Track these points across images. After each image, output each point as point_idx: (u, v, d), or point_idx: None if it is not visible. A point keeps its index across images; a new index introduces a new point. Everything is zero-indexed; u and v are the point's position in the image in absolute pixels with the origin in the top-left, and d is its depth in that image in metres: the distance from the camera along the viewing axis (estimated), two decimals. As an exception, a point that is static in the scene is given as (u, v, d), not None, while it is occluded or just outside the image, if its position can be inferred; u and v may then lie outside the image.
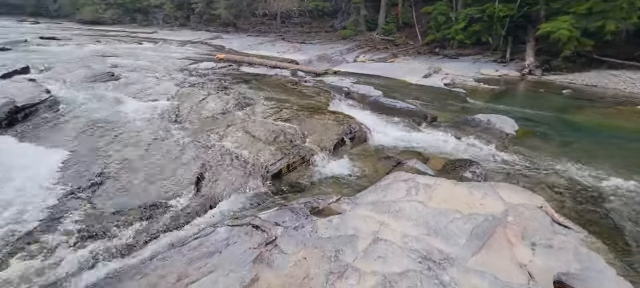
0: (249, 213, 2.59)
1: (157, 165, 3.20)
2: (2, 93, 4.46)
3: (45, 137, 3.70)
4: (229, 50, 12.24)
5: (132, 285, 1.86)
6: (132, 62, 8.33)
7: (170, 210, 2.60)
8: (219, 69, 8.16)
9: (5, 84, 5.01)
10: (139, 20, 21.58)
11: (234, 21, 18.29)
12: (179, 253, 2.07)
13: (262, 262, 1.95)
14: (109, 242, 2.25)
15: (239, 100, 5.11)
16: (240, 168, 3.17)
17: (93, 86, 5.67)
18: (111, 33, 16.78)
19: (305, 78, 7.56)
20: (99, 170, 3.09)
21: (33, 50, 9.41)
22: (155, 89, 5.68)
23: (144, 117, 4.37)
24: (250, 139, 3.75)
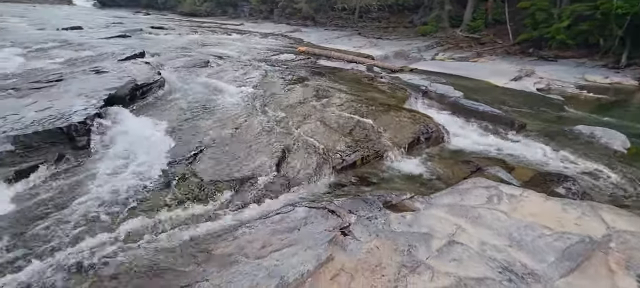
0: (323, 198, 2.75)
1: (244, 144, 3.56)
2: (127, 73, 5.36)
3: (157, 112, 4.36)
4: (306, 43, 12.70)
5: (224, 244, 2.14)
6: (222, 51, 9.21)
7: (255, 185, 2.88)
8: (297, 60, 8.56)
9: (128, 66, 5.99)
10: (229, 13, 23.54)
11: (313, 15, 18.85)
12: (263, 223, 2.31)
13: (337, 244, 2.08)
14: (206, 205, 2.60)
15: (317, 92, 5.33)
16: (316, 156, 3.35)
17: (192, 71, 6.45)
18: (205, 24, 18.67)
19: (380, 74, 7.51)
20: (197, 143, 3.56)
21: (146, 37, 11.00)
22: (242, 77, 6.23)
23: (233, 101, 4.85)
24: (326, 129, 3.91)
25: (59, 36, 9.76)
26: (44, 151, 3.12)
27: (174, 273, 1.90)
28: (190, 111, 4.44)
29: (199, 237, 2.26)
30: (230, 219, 2.44)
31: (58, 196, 2.65)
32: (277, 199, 2.71)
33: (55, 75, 5.25)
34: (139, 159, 3.21)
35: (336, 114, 4.32)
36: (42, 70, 5.67)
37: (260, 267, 1.88)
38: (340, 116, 4.26)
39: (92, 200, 2.58)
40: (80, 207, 2.51)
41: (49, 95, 4.27)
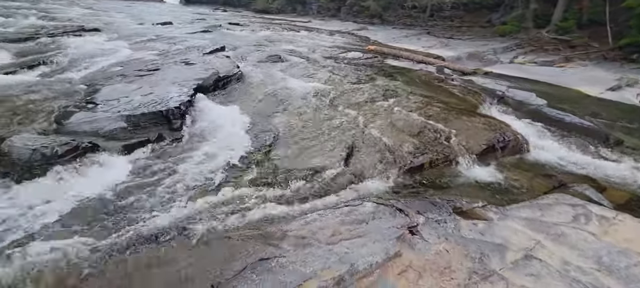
0: (390, 196, 2.79)
1: (314, 137, 3.74)
2: (211, 65, 5.94)
3: (236, 101, 4.78)
4: (374, 41, 12.62)
5: (298, 227, 2.32)
6: (292, 47, 9.62)
7: (324, 176, 3.03)
8: (365, 59, 8.59)
9: (212, 59, 6.62)
10: (298, 10, 24.33)
11: (381, 13, 18.60)
12: (332, 213, 2.44)
13: (405, 242, 2.12)
14: (280, 190, 2.82)
15: (385, 91, 5.33)
16: (383, 155, 3.39)
17: (266, 65, 6.88)
18: (276, 21, 19.59)
19: (451, 76, 7.19)
20: (272, 132, 3.84)
21: (225, 33, 11.95)
22: (311, 73, 6.48)
23: (304, 95, 5.08)
24: (394, 129, 3.92)
25: (154, 30, 11.08)
26: (147, 130, 3.64)
27: (254, 245, 2.13)
28: (265, 102, 4.78)
29: (274, 217, 2.47)
30: (302, 205, 2.61)
31: (156, 169, 3.09)
32: (345, 192, 2.82)
33: (154, 65, 6.04)
34: (221, 142, 3.58)
35: (404, 115, 4.29)
36: (143, 60, 6.54)
37: (331, 252, 2.01)
38: (408, 117, 4.22)
39: (183, 175, 2.97)
40: (172, 179, 2.91)
41: (150, 82, 4.94)
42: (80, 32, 8.76)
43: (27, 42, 7.44)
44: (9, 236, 2.10)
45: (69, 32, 8.61)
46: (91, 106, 3.95)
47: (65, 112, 3.78)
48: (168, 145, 3.51)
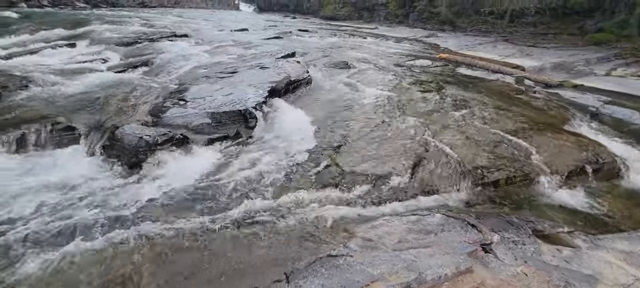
0: (461, 210, 2.68)
1: (381, 144, 3.75)
2: (283, 70, 6.29)
3: (306, 105, 5.00)
4: (444, 49, 12.11)
5: (364, 230, 2.36)
6: (359, 54, 9.71)
7: (390, 184, 3.03)
8: (434, 67, 8.30)
9: (283, 63, 7.01)
10: (365, 17, 24.40)
11: (452, 19, 17.75)
12: (399, 220, 2.44)
13: (477, 259, 2.03)
14: (346, 193, 2.90)
15: (456, 101, 5.10)
16: (454, 167, 3.26)
17: (333, 71, 7.06)
18: (343, 28, 19.92)
19: (533, 88, 6.58)
20: (339, 136, 3.95)
21: (294, 39, 12.53)
22: (378, 79, 6.48)
23: (371, 102, 5.12)
24: (466, 141, 3.74)
25: (232, 36, 12.08)
26: (227, 126, 4.02)
27: (322, 241, 2.23)
28: (333, 107, 4.92)
29: (340, 218, 2.55)
30: (368, 209, 2.66)
31: (234, 162, 3.39)
32: (412, 201, 2.79)
33: (232, 68, 6.60)
34: (292, 142, 3.79)
35: (477, 127, 4.07)
36: (223, 63, 7.18)
37: (398, 258, 2.01)
38: (482, 130, 3.99)
39: (257, 169, 3.21)
40: (248, 172, 3.16)
41: (230, 84, 5.42)
42: (173, 37, 9.95)
43: (132, 46, 8.69)
44: (121, 209, 2.50)
45: (163, 37, 9.85)
46: (182, 103, 4.48)
47: (162, 107, 4.34)
48: (244, 141, 3.83)
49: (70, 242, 2.12)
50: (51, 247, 2.10)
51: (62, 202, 2.56)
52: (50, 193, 2.65)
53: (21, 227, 2.22)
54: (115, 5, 20.68)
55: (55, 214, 2.40)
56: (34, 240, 2.14)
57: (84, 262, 2.00)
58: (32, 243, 2.11)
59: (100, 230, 2.27)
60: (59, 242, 2.14)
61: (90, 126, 3.72)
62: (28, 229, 2.20)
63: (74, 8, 17.34)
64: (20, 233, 2.17)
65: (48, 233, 2.21)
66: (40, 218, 2.34)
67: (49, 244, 2.12)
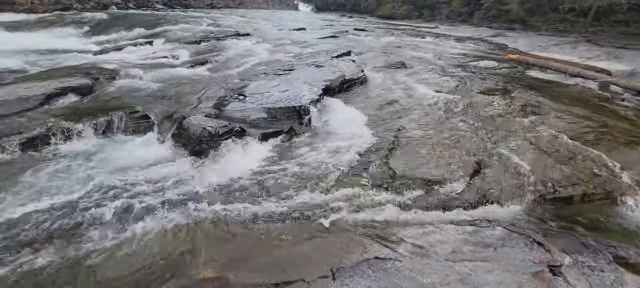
0: (526, 226, 2.44)
1: (437, 148, 3.58)
2: (338, 68, 6.31)
3: (359, 104, 4.96)
4: (513, 49, 11.15)
5: (414, 235, 2.28)
6: (417, 53, 9.37)
7: (445, 190, 2.88)
8: (501, 68, 7.68)
9: (338, 62, 7.03)
10: (425, 16, 23.47)
11: (524, 17, 16.26)
12: (454, 229, 2.30)
13: (543, 281, 1.84)
14: (397, 196, 2.82)
15: (525, 107, 4.67)
16: (519, 177, 2.99)
17: (389, 71, 6.90)
18: (400, 27, 19.38)
19: (621, 95, 5.76)
20: (392, 137, 3.85)
21: (350, 38, 12.50)
22: (437, 80, 6.18)
23: (427, 103, 4.91)
24: (535, 150, 3.40)
25: (290, 35, 12.43)
26: (282, 122, 4.14)
27: (370, 243, 2.20)
28: (386, 107, 4.81)
29: (390, 221, 2.49)
30: (419, 214, 2.55)
31: (287, 156, 3.48)
32: (469, 211, 2.62)
33: (289, 65, 6.79)
34: (343, 141, 3.78)
35: (550, 136, 3.68)
36: (281, 61, 7.43)
37: (451, 269, 1.90)
38: (554, 139, 3.60)
39: (308, 165, 3.26)
40: (299, 168, 3.22)
41: (286, 81, 5.59)
42: (236, 36, 10.56)
43: (200, 44, 9.40)
44: (185, 191, 2.73)
45: (228, 36, 10.50)
46: (242, 97, 4.73)
47: (224, 100, 4.63)
48: (297, 137, 3.92)
49: (140, 219, 2.37)
50: (124, 222, 2.36)
51: (136, 181, 2.87)
52: (127, 172, 2.99)
53: (100, 202, 2.54)
54: (188, 7, 22.55)
55: (129, 191, 2.70)
56: (107, 217, 2.42)
57: (150, 237, 2.21)
58: (108, 218, 2.39)
59: (165, 209, 2.49)
60: (131, 217, 2.39)
61: (162, 115, 4.10)
62: (105, 204, 2.50)
63: (154, 10, 19.29)
64: (98, 207, 2.48)
65: (122, 209, 2.49)
66: (117, 195, 2.65)
67: (122, 219, 2.38)
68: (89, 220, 2.34)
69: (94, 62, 6.61)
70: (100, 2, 17.56)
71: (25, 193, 2.63)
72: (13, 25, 11.78)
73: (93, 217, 2.37)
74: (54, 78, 5.00)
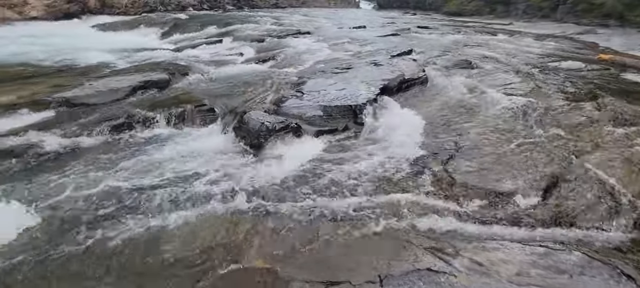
0: (612, 253, 2.10)
1: (504, 157, 3.26)
2: (397, 68, 6.11)
3: (418, 105, 4.75)
4: (604, 49, 9.72)
5: (472, 250, 2.10)
6: (487, 52, 8.65)
7: (512, 204, 2.61)
8: (588, 71, 6.73)
9: (398, 61, 6.81)
10: (498, 12, 21.63)
11: (622, 12, 14.06)
12: (521, 249, 2.07)
13: (632, 322, 1.56)
14: (455, 205, 2.63)
15: (617, 114, 4.02)
16: (606, 197, 2.59)
17: (453, 71, 6.48)
18: (468, 24, 18.09)
19: None
20: (453, 142, 3.61)
21: (412, 36, 12.02)
22: (508, 82, 5.64)
23: (496, 108, 4.50)
24: (629, 167, 2.91)
25: (350, 34, 12.37)
26: (337, 120, 4.14)
27: (422, 252, 2.08)
28: (448, 110, 4.53)
29: (445, 232, 2.33)
30: (480, 227, 2.35)
31: (340, 155, 3.46)
32: (540, 230, 2.33)
33: (347, 64, 6.76)
34: (399, 142, 3.65)
35: (650, 151, 3.12)
36: (339, 59, 7.43)
37: (515, 293, 1.72)
38: (657, 155, 3.04)
39: (361, 166, 3.20)
40: (352, 167, 3.18)
41: (343, 79, 5.57)
42: (297, 34, 10.84)
43: (263, 42, 9.83)
44: (242, 181, 2.87)
45: (289, 34, 10.83)
46: (299, 95, 4.84)
47: (282, 97, 4.77)
48: (351, 136, 3.89)
49: (200, 203, 2.56)
50: (186, 204, 2.56)
51: (199, 168, 3.11)
52: (192, 160, 3.26)
53: (168, 184, 2.79)
54: (254, 7, 23.79)
55: (192, 177, 2.94)
56: (173, 199, 2.65)
57: (208, 221, 2.38)
58: (173, 199, 2.62)
59: (222, 196, 2.66)
60: (192, 201, 2.59)
61: (226, 109, 4.37)
62: (172, 187, 2.75)
63: (224, 10, 20.72)
64: (166, 188, 2.73)
65: (184, 192, 2.71)
66: (182, 179, 2.90)
67: (184, 201, 2.59)
68: (157, 200, 2.59)
69: (172, 58, 7.31)
70: (179, 4, 19.40)
71: (110, 170, 3.02)
72: (110, 26, 13.59)
73: (161, 198, 2.62)
74: (139, 72, 5.65)
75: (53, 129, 3.61)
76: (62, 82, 5.64)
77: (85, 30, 12.74)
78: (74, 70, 6.56)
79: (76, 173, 2.97)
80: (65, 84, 5.42)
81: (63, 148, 3.34)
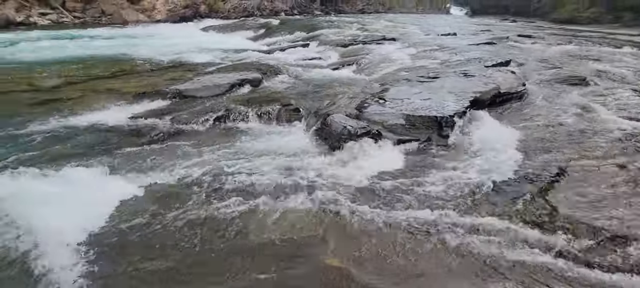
0: None
1: (621, 193, 2.76)
2: (491, 80, 5.62)
3: (515, 123, 4.30)
4: None
5: None
6: (606, 68, 7.38)
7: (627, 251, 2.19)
8: None
9: (493, 72, 6.25)
10: (625, 20, 18.25)
11: None
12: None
13: None
14: (554, 239, 2.31)
15: None
16: None
17: (560, 88, 5.70)
18: (583, 33, 15.64)
19: None
20: (555, 168, 3.18)
21: (512, 46, 10.89)
22: (631, 103, 4.75)
23: (613, 132, 3.84)
24: None
25: (438, 41, 11.80)
26: (419, 131, 4.00)
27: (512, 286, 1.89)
28: (551, 131, 4.01)
29: (538, 267, 2.07)
30: (588, 272, 2.02)
31: (420, 167, 3.34)
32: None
33: (434, 73, 6.47)
34: (489, 161, 3.36)
35: None
36: (425, 68, 7.16)
37: None
38: None
39: (443, 181, 3.03)
40: (433, 181, 3.03)
41: (429, 88, 5.35)
42: (382, 40, 10.77)
43: (347, 47, 10.02)
44: (321, 180, 2.99)
45: (374, 40, 10.82)
46: (381, 102, 4.80)
47: (364, 102, 4.81)
48: (434, 149, 3.72)
49: (282, 196, 2.74)
50: (269, 195, 2.76)
51: (282, 163, 3.32)
52: (276, 155, 3.52)
53: (254, 174, 3.05)
54: (341, 12, 24.41)
55: (275, 170, 3.16)
56: (261, 187, 2.88)
57: (288, 214, 2.53)
58: (259, 189, 2.85)
59: (302, 193, 2.80)
60: (274, 193, 2.78)
61: (309, 110, 4.60)
62: (258, 177, 3.00)
63: (313, 16, 21.74)
64: (254, 179, 2.98)
65: (268, 184, 2.92)
66: (267, 171, 3.14)
67: (268, 193, 2.79)
68: (246, 186, 2.87)
69: (263, 59, 7.96)
70: (273, 10, 21.01)
71: (210, 154, 3.46)
72: (214, 28, 15.41)
73: (250, 184, 2.89)
74: (236, 71, 6.29)
75: (169, 114, 4.27)
76: (175, 75, 6.63)
77: (195, 32, 14.67)
78: (184, 66, 7.64)
79: (184, 154, 3.46)
80: (177, 77, 6.36)
81: (176, 132, 3.94)
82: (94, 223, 2.33)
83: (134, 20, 14.91)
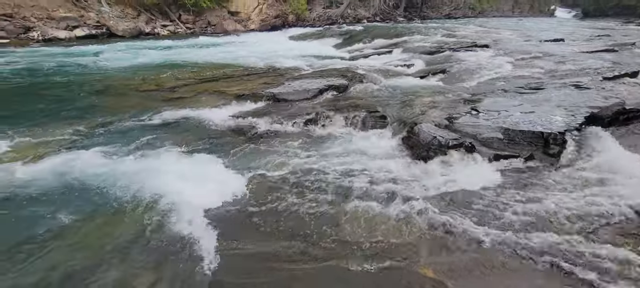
0: None
1: None
2: (613, 93, 4.85)
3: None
4: None
5: None
6: None
7: None
8: None
9: (614, 85, 5.38)
10: None
11: None
12: None
13: None
14: None
15: None
16: None
17: None
18: None
19: None
20: None
21: (638, 54, 9.15)
22: None
23: None
24: None
25: (541, 47, 10.54)
26: (520, 146, 3.66)
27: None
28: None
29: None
30: None
31: (519, 187, 3.05)
32: None
33: (537, 84, 5.83)
34: (608, 187, 2.92)
35: None
36: (525, 78, 6.48)
37: None
38: None
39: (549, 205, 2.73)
40: (536, 205, 2.75)
41: (531, 101, 4.85)
42: (473, 47, 10.07)
43: (433, 54, 9.62)
44: (405, 189, 2.97)
45: (463, 47, 10.17)
46: (474, 113, 4.53)
47: (455, 113, 4.59)
48: (538, 167, 3.37)
49: (374, 199, 2.80)
50: (356, 198, 2.85)
51: (368, 167, 3.40)
52: (363, 159, 3.61)
53: (346, 176, 3.18)
54: (425, 18, 23.50)
55: (362, 174, 3.24)
56: (352, 188, 2.99)
57: (377, 218, 2.58)
58: (351, 190, 2.96)
59: (390, 199, 2.84)
60: (361, 196, 2.87)
61: (396, 118, 4.57)
62: (350, 179, 3.12)
63: (395, 22, 21.39)
64: (344, 180, 3.10)
65: (355, 187, 3.01)
66: (353, 174, 3.24)
67: (360, 195, 2.89)
68: (336, 185, 3.02)
69: (348, 66, 8.14)
70: (356, 17, 21.28)
71: (302, 154, 3.73)
72: (301, 36, 16.28)
73: (341, 184, 3.03)
74: (323, 77, 6.57)
75: (265, 116, 4.70)
76: (268, 80, 7.22)
77: (283, 39, 15.71)
78: (276, 71, 8.25)
79: (279, 152, 3.79)
80: (270, 82, 6.91)
81: (271, 131, 4.32)
82: (215, 200, 2.83)
83: (232, 29, 16.75)
